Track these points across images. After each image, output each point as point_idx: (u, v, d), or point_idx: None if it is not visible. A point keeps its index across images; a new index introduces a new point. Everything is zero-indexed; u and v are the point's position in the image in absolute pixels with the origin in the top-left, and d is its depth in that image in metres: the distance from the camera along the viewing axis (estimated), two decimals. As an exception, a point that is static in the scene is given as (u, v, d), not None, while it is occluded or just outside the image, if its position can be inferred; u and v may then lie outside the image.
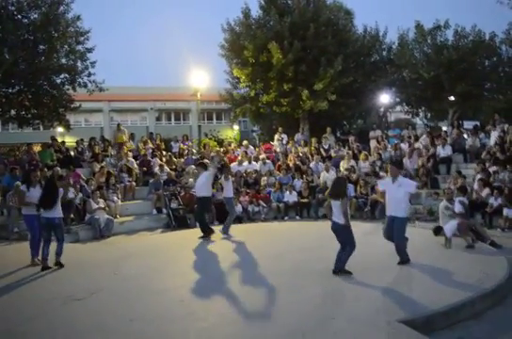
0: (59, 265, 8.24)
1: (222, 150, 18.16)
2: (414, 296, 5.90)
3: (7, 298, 6.58)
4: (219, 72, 31.63)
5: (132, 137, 18.09)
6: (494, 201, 11.70)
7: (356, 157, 15.76)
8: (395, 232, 7.57)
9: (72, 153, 16.09)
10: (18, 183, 11.84)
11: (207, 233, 10.56)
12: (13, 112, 19.02)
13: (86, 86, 19.03)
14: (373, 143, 17.32)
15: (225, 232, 10.78)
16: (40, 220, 8.35)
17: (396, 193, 7.58)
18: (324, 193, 13.36)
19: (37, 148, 16.09)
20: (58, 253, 8.32)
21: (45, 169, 12.83)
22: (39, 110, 18.79)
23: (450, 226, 9.10)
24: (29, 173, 9.33)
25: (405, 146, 16.24)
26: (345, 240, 7.12)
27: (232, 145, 19.85)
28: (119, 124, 18.97)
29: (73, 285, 7.05)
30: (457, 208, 9.40)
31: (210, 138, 27.82)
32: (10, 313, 5.92)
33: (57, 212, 8.33)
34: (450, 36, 21.60)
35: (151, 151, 16.98)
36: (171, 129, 35.62)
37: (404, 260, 7.53)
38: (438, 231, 9.74)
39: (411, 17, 22.17)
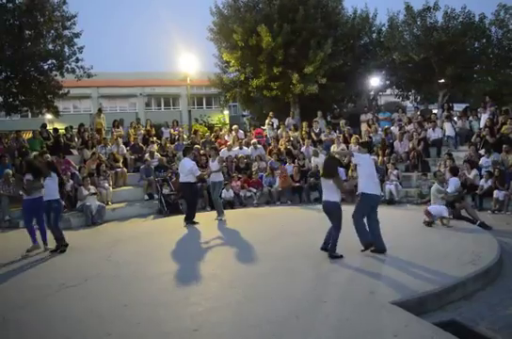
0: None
1: (213, 135, 18.07)
2: (406, 278, 5.94)
3: (3, 285, 6.56)
4: (209, 56, 31.27)
5: (121, 122, 17.92)
6: (484, 183, 11.78)
7: (347, 141, 15.74)
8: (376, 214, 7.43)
9: (62, 140, 15.91)
10: (8, 170, 11.78)
11: (189, 219, 10.57)
12: (0, 99, 18.75)
13: (74, 71, 18.74)
14: (363, 126, 17.29)
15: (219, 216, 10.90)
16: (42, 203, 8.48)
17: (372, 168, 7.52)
18: (315, 177, 13.47)
19: (26, 135, 15.91)
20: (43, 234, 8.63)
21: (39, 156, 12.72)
22: (27, 97, 18.50)
23: (439, 209, 9.18)
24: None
25: (395, 129, 16.26)
26: (336, 220, 7.12)
27: (223, 130, 19.74)
28: (99, 109, 18.78)
29: (67, 272, 7.05)
30: (450, 188, 9.48)
31: (200, 124, 27.68)
32: (4, 300, 5.91)
33: (56, 194, 8.65)
34: (440, 17, 21.46)
35: (141, 137, 16.86)
36: (161, 115, 35.40)
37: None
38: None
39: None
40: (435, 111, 19.73)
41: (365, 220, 7.37)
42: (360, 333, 4.47)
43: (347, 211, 7.36)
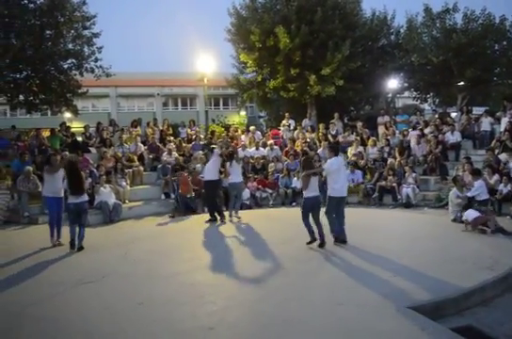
0: (80, 248, 8.44)
1: (229, 135, 18.10)
2: (422, 282, 5.88)
3: (19, 280, 6.64)
4: (226, 56, 31.33)
5: (139, 122, 18.04)
6: (504, 188, 11.60)
7: (364, 143, 15.66)
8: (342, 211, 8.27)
9: (80, 139, 16.09)
10: (28, 167, 11.94)
11: (215, 217, 10.67)
12: (21, 97, 19.01)
13: (93, 71, 18.94)
14: (381, 129, 17.17)
15: (231, 215, 10.97)
16: (69, 206, 8.48)
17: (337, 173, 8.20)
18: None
19: (45, 133, 16.12)
20: (81, 238, 8.52)
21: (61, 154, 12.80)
22: (46, 95, 18.74)
23: (471, 213, 9.01)
24: (49, 157, 9.42)
25: (413, 132, 16.07)
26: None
27: (239, 131, 19.77)
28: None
29: (84, 269, 7.12)
30: (472, 192, 9.36)
31: (217, 124, 27.71)
32: (22, 295, 5.98)
33: (85, 196, 8.64)
34: (459, 19, 21.20)
35: (159, 136, 16.97)
36: (178, 115, 35.54)
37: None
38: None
39: (420, 0, 21.72)
40: (453, 114, 19.51)
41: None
42: (376, 337, 4.43)
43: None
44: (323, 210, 8.17)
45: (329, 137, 16.81)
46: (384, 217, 11.37)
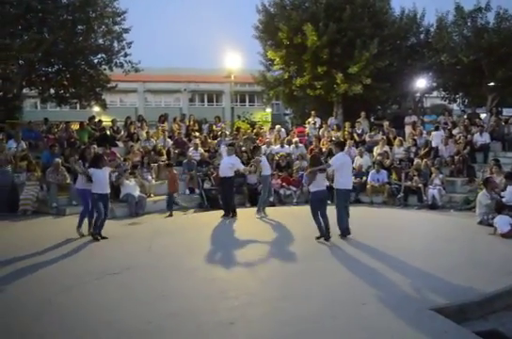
0: (100, 237, 8.66)
1: (254, 132, 18.12)
2: (446, 284, 5.79)
3: (48, 269, 6.80)
4: (253, 53, 31.34)
5: (166, 117, 18.21)
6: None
7: (390, 143, 15.48)
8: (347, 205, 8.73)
9: (108, 132, 16.31)
10: (58, 160, 12.18)
11: (228, 213, 10.72)
12: (52, 91, 19.42)
13: (122, 66, 19.24)
14: (408, 129, 16.95)
15: (259, 211, 10.95)
16: (93, 196, 8.74)
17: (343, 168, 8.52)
18: (361, 178, 13.75)
19: (74, 126, 16.40)
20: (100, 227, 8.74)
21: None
22: (76, 89, 19.15)
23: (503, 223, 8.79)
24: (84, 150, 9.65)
25: (437, 132, 15.75)
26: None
27: (265, 128, 19.79)
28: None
29: (109, 260, 7.24)
30: (509, 197, 9.18)
31: (243, 121, 27.77)
32: (50, 283, 6.12)
33: (108, 188, 8.90)
34: (491, 18, 20.74)
35: (185, 131, 17.09)
36: (204, 111, 35.73)
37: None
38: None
39: (451, -2, 21.27)
40: (483, 115, 19.13)
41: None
42: (397, 338, 4.39)
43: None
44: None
45: (355, 135, 16.69)
46: (409, 217, 11.24)
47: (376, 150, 15.12)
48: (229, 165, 10.83)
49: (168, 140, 16.01)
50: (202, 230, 9.55)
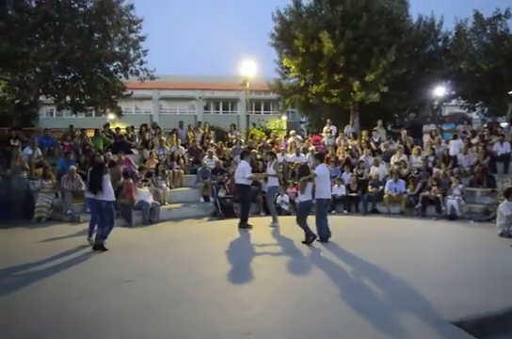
0: (99, 248, 8.51)
1: (269, 141, 18.16)
2: (466, 296, 5.71)
3: (65, 276, 6.90)
4: (269, 61, 31.50)
5: (181, 125, 18.36)
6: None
7: (408, 152, 15.41)
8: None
9: (123, 140, 16.45)
10: (73, 167, 12.34)
11: (244, 224, 10.68)
12: (68, 98, 19.68)
13: (137, 73, 19.45)
14: (426, 138, 16.89)
15: (275, 220, 10.97)
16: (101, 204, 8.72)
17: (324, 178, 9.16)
18: (377, 187, 13.84)
19: (89, 134, 16.61)
20: (101, 236, 8.63)
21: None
22: (92, 97, 19.36)
23: None
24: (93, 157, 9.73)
25: (455, 141, 15.62)
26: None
27: (280, 136, 19.82)
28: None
29: (124, 267, 7.30)
30: None
31: (258, 128, 27.87)
32: (65, 290, 6.19)
33: (105, 196, 8.62)
34: (511, 25, 20.73)
35: (200, 139, 17.21)
36: (219, 118, 35.95)
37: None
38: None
39: (469, 6, 21.18)
40: (504, 124, 18.95)
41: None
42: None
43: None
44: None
45: (372, 144, 16.64)
46: (427, 228, 11.15)
47: (394, 159, 15.06)
48: (239, 171, 10.86)
49: (182, 148, 16.13)
50: (216, 239, 9.58)
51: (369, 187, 13.94)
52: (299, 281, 6.53)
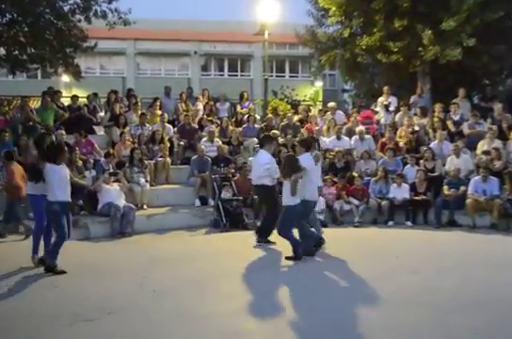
0: (50, 270, 8.60)
1: (297, 117, 18.12)
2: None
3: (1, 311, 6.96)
4: (298, 0, 31.38)
5: (167, 92, 18.37)
6: None
7: (503, 136, 15.30)
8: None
9: (83, 113, 16.53)
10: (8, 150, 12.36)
11: (264, 237, 10.72)
12: (3, 51, 19.65)
13: (105, 16, 19.40)
14: (532, 115, 16.73)
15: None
16: (51, 206, 8.74)
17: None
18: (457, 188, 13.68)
19: (33, 103, 16.66)
20: (50, 252, 8.74)
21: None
22: (38, 49, 19.29)
23: None
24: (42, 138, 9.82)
25: None
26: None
27: (313, 110, 19.77)
28: None
29: (83, 300, 7.33)
30: None
31: (281, 99, 27.80)
32: (3, 334, 6.22)
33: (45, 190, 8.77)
34: None
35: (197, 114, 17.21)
36: (224, 83, 35.94)
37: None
38: None
39: None
40: None
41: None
42: None
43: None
44: None
45: (450, 124, 16.54)
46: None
47: (482, 146, 14.97)
48: (258, 166, 10.84)
49: (168, 126, 16.17)
50: (218, 259, 9.61)
51: (444, 188, 13.88)
52: (335, 325, 6.50)
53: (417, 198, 13.88)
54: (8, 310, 7.01)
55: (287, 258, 9.46)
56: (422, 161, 14.84)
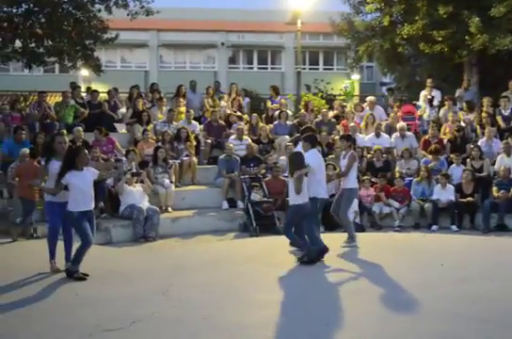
0: (71, 276, 8.71)
1: (332, 113, 18.07)
2: None
3: (17, 320, 7.00)
4: (333, -14, 31.38)
5: (192, 86, 18.42)
6: None
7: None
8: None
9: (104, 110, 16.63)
10: (25, 150, 12.47)
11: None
12: (18, 44, 19.80)
13: (126, 5, 19.50)
14: None
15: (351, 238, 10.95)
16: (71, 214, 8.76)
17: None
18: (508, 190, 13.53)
19: (51, 99, 16.78)
20: (73, 259, 8.82)
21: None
22: (55, 42, 19.43)
23: None
24: (53, 139, 9.68)
25: None
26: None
27: (349, 106, 19.70)
28: None
29: (105, 309, 7.37)
30: None
31: (315, 94, 27.74)
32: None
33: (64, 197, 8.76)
34: None
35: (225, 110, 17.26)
36: (253, 77, 35.92)
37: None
38: None
39: None
40: None
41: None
42: None
43: None
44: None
45: (499, 119, 16.39)
46: None
47: (535, 144, 14.81)
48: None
49: (195, 123, 16.24)
50: (248, 266, 9.58)
51: (493, 189, 13.80)
52: (385, 336, 6.49)
53: (463, 200, 13.81)
54: (24, 319, 7.05)
55: (300, 262, 9.60)
56: (468, 160, 14.74)
